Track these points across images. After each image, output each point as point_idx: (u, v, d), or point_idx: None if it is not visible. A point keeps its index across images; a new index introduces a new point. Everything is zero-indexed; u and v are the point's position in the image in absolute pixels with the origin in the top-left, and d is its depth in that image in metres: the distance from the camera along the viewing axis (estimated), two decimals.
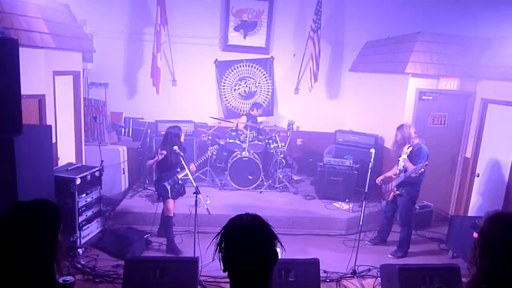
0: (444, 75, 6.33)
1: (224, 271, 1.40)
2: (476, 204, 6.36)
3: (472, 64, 6.28)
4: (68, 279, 1.74)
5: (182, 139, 5.15)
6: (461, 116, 6.63)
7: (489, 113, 6.25)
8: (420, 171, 4.87)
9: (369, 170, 4.76)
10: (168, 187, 5.05)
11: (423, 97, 6.47)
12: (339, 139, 7.42)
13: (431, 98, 6.49)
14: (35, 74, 4.80)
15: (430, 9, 7.60)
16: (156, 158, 4.99)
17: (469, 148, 6.58)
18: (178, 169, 5.11)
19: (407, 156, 5.06)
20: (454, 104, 6.59)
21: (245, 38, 8.11)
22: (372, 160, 4.74)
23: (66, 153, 5.71)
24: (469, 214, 6.38)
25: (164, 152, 4.95)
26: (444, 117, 6.61)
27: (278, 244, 1.46)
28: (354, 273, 4.71)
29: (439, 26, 6.86)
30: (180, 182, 5.17)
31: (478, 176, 6.35)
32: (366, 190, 4.74)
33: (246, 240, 1.38)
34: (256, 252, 1.37)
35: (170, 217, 5.14)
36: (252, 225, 1.41)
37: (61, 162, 5.38)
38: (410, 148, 5.05)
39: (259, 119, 7.87)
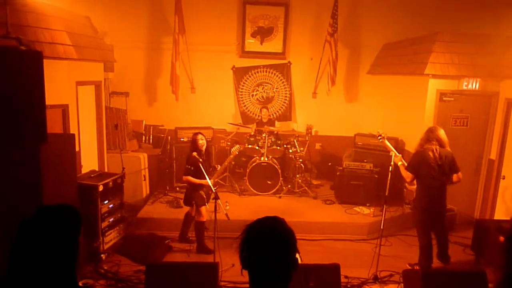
0: (466, 76, 6.20)
1: (243, 270, 1.41)
2: (503, 207, 6.17)
3: (495, 63, 6.14)
4: (87, 282, 1.79)
5: (200, 144, 5.10)
6: (484, 116, 6.47)
7: None
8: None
9: (390, 173, 4.68)
10: (204, 196, 5.17)
11: (444, 98, 6.35)
12: (359, 143, 7.35)
13: (452, 99, 6.36)
14: (59, 85, 4.95)
15: (448, 10, 7.47)
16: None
17: (494, 149, 6.41)
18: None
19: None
20: (477, 105, 6.45)
21: (262, 44, 8.16)
22: (392, 163, 4.66)
23: (88, 161, 5.86)
24: (495, 218, 6.21)
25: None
26: (467, 118, 6.46)
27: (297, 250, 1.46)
28: (376, 279, 4.64)
29: (458, 26, 6.74)
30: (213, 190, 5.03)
31: (503, 178, 6.18)
32: (386, 193, 4.66)
33: (269, 239, 1.39)
34: (278, 252, 1.38)
35: (203, 222, 5.24)
36: (275, 225, 1.44)
37: (84, 170, 5.51)
38: None
39: (276, 124, 7.87)
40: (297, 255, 1.44)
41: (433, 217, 4.74)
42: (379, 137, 4.77)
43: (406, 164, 4.73)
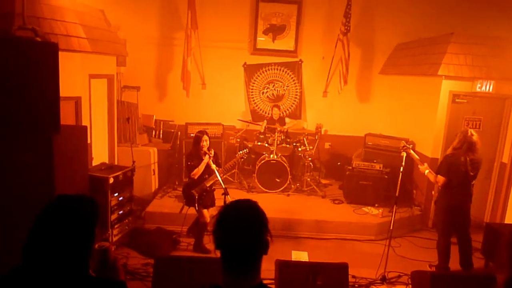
0: (479, 78, 6.13)
1: (215, 249, 1.45)
2: None
3: (509, 66, 6.05)
4: (104, 245, 1.77)
5: (202, 144, 4.95)
6: (497, 120, 6.38)
7: None
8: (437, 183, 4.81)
9: (400, 174, 4.65)
10: (196, 195, 5.01)
11: (456, 100, 6.28)
12: (369, 143, 7.31)
13: (465, 101, 6.30)
14: (72, 77, 4.99)
15: (461, 11, 7.39)
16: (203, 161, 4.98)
17: (506, 152, 6.33)
18: (206, 176, 5.07)
19: None
20: (490, 108, 6.37)
21: (273, 42, 8.14)
22: (403, 164, 4.63)
23: (99, 153, 5.90)
24: (505, 222, 6.13)
25: (211, 152, 4.97)
26: (479, 121, 6.39)
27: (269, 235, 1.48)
28: (383, 279, 4.62)
29: (472, 27, 6.66)
30: (208, 189, 5.10)
31: None
32: (397, 194, 4.64)
33: (240, 218, 1.44)
34: (249, 232, 1.41)
35: (206, 223, 5.16)
36: (248, 206, 1.48)
37: (95, 162, 5.56)
38: None
39: (287, 120, 7.85)
40: (269, 238, 1.46)
41: (457, 213, 4.81)
42: (404, 147, 4.79)
43: (432, 172, 4.82)
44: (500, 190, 6.37)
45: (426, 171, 4.85)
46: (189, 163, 5.06)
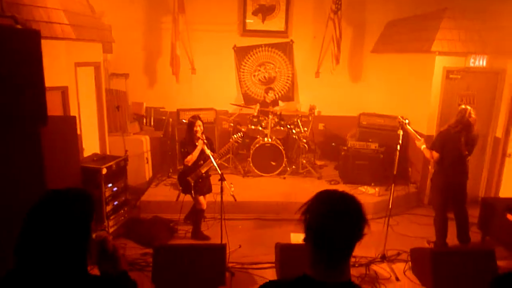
0: (473, 52, 6.07)
1: (305, 239, 1.37)
2: (509, 185, 6.14)
3: (502, 39, 6.00)
4: (100, 235, 1.65)
5: (196, 130, 4.85)
6: (491, 94, 6.36)
7: None
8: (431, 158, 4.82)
9: (397, 151, 4.62)
10: (192, 182, 4.95)
11: (450, 76, 6.23)
12: (363, 122, 7.26)
13: (459, 77, 6.25)
14: (57, 66, 4.82)
15: None
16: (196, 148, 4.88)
17: (500, 127, 6.33)
18: (201, 162, 4.98)
19: None
20: (484, 82, 6.34)
21: (263, 23, 7.96)
22: (400, 141, 4.59)
23: (90, 144, 5.77)
24: (500, 195, 6.18)
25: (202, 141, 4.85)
26: (473, 96, 6.36)
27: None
28: (383, 258, 4.63)
29: (464, 2, 6.55)
30: (203, 176, 5.03)
31: (510, 156, 6.12)
32: (394, 172, 4.61)
33: (338, 206, 1.34)
34: (349, 224, 1.32)
35: (202, 210, 5.12)
36: (345, 195, 1.39)
37: (86, 153, 5.43)
38: None
39: (280, 103, 7.74)
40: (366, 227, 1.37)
41: (454, 190, 4.85)
42: (401, 123, 4.74)
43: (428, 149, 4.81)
44: (494, 164, 6.41)
45: (423, 147, 4.83)
46: (182, 149, 4.97)
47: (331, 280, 1.33)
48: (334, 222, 1.31)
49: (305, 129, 7.15)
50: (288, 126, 7.17)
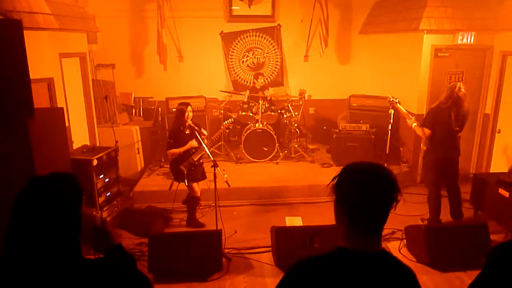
0: (460, 29, 6.07)
1: (337, 212, 1.38)
2: (499, 161, 6.21)
3: (490, 16, 6.01)
4: (85, 212, 1.54)
5: (188, 115, 4.81)
6: (479, 71, 6.39)
7: (508, 67, 6.02)
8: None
9: (389, 131, 4.63)
10: (185, 171, 4.91)
11: (439, 54, 6.23)
12: (354, 104, 7.27)
13: (447, 54, 6.26)
14: (42, 57, 4.72)
15: None
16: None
17: (489, 104, 6.38)
18: (193, 150, 4.94)
19: None
20: (472, 59, 6.36)
21: (249, 7, 7.84)
22: (391, 121, 4.60)
23: (79, 136, 5.70)
24: (491, 171, 6.26)
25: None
26: (462, 73, 6.38)
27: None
28: None
29: None
30: (196, 163, 4.99)
31: (499, 132, 6.19)
32: (387, 152, 4.63)
33: (371, 174, 1.34)
34: (382, 186, 1.32)
35: (197, 197, 5.10)
36: (373, 164, 1.39)
37: (76, 145, 5.36)
38: None
39: (270, 90, 7.69)
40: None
41: (446, 165, 4.87)
42: (391, 102, 4.73)
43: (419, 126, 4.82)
44: (485, 141, 6.47)
45: (414, 124, 4.84)
46: (169, 140, 4.91)
47: (367, 249, 1.34)
48: (371, 189, 1.31)
49: (296, 113, 7.14)
50: (279, 111, 7.15)
